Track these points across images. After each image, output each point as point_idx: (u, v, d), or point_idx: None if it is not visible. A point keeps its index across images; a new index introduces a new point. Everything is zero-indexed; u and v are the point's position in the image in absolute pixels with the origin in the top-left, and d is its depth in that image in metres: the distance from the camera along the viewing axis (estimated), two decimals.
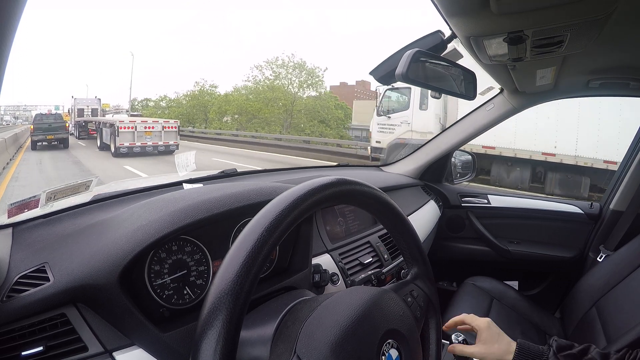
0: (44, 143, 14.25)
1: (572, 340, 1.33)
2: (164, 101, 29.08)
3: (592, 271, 1.41)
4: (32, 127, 14.44)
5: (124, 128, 11.43)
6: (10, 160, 10.68)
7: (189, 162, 1.11)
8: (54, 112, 17.60)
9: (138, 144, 11.48)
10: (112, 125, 11.81)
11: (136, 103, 32.44)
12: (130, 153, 11.33)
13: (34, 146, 14.11)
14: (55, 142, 14.44)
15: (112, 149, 11.60)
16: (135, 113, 24.87)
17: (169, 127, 12.10)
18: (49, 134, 14.18)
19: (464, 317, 0.77)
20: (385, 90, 8.59)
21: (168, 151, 11.74)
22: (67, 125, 15.44)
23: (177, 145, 12.08)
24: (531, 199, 1.85)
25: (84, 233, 0.69)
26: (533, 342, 1.34)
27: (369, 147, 9.06)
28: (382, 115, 8.55)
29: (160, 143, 11.73)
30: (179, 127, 12.77)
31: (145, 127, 11.71)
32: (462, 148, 1.81)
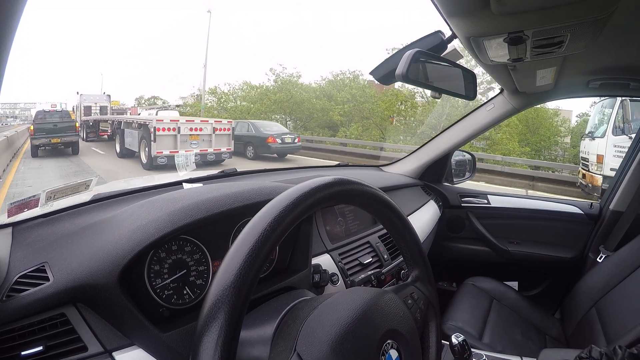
0: (47, 148, 11.52)
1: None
2: (213, 94, 20.89)
3: (592, 272, 1.42)
4: (32, 127, 11.44)
5: (163, 130, 8.34)
6: (3, 172, 8.16)
7: (189, 161, 1.11)
8: (59, 108, 14.39)
9: (181, 152, 8.06)
10: (142, 125, 8.88)
11: (142, 101, 29.25)
12: (169, 164, 8.05)
13: (35, 152, 11.22)
14: (62, 146, 11.65)
15: (144, 159, 8.65)
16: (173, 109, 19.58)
17: (221, 129, 9.18)
18: (54, 137, 11.32)
19: None
20: (622, 100, 5.69)
21: (219, 160, 9.03)
22: (76, 125, 12.44)
23: (230, 154, 9.31)
24: (531, 199, 1.85)
25: (84, 233, 0.69)
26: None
27: (595, 176, 6.10)
28: (621, 134, 5.75)
29: (210, 150, 8.82)
30: (233, 129, 9.85)
31: (191, 129, 8.72)
32: (462, 148, 1.82)
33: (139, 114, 17.45)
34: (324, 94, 17.74)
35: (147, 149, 8.59)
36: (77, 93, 19.42)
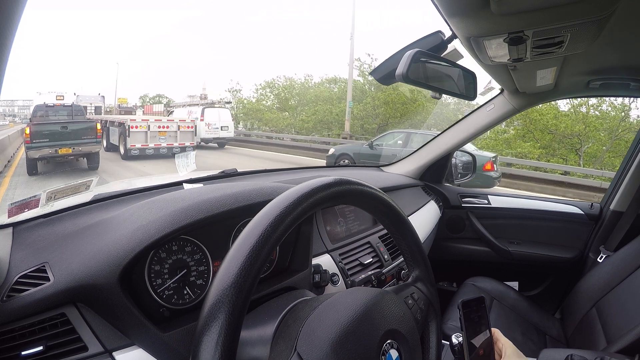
0: (51, 162, 7.62)
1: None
2: (266, 89, 17.70)
3: (592, 272, 1.41)
4: (27, 130, 7.23)
5: (135, 127, 10.21)
6: None
7: (189, 161, 1.11)
8: (67, 102, 10.59)
9: (151, 145, 10.39)
10: (121, 124, 10.56)
11: (147, 99, 28.78)
12: (142, 155, 10.22)
13: (32, 168, 7.27)
14: (72, 158, 7.74)
15: (122, 151, 10.40)
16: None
17: (185, 127, 11.12)
18: (63, 146, 7.34)
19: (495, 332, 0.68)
20: None
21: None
22: (97, 127, 8.14)
23: (194, 147, 10.98)
24: (531, 200, 1.85)
25: (84, 233, 0.69)
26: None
27: None
28: None
29: (176, 144, 10.78)
30: (195, 126, 11.51)
31: (159, 127, 10.69)
32: (463, 148, 1.82)
33: (171, 112, 16.94)
34: (421, 95, 13.94)
35: (124, 142, 10.23)
36: (74, 94, 19.28)
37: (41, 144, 7.21)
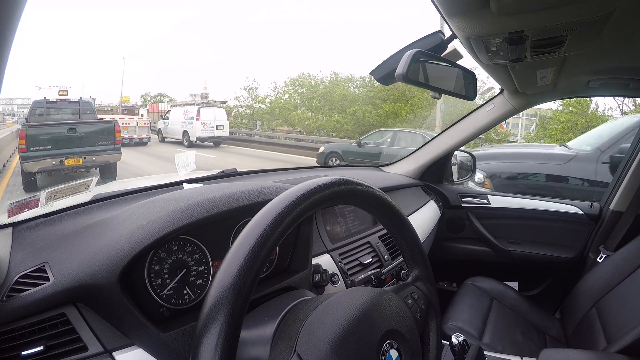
0: (53, 174, 5.82)
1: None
2: (289, 86, 16.34)
3: (592, 272, 1.41)
4: (22, 134, 5.52)
5: None
6: None
7: (189, 162, 1.11)
8: (73, 97, 8.48)
9: None
10: None
11: (148, 99, 29.17)
12: None
13: (30, 185, 5.53)
14: (83, 170, 6.04)
15: None
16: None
17: (142, 123, 14.34)
18: (72, 155, 5.73)
19: None
20: None
21: (142, 143, 13.89)
22: (117, 129, 6.39)
23: (149, 138, 13.98)
24: (531, 199, 1.85)
25: (84, 233, 0.69)
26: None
27: None
28: None
29: (135, 136, 13.60)
30: (150, 123, 14.94)
31: (123, 123, 13.18)
32: (462, 148, 1.82)
33: (168, 110, 18.22)
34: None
35: None
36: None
37: (41, 152, 5.45)
